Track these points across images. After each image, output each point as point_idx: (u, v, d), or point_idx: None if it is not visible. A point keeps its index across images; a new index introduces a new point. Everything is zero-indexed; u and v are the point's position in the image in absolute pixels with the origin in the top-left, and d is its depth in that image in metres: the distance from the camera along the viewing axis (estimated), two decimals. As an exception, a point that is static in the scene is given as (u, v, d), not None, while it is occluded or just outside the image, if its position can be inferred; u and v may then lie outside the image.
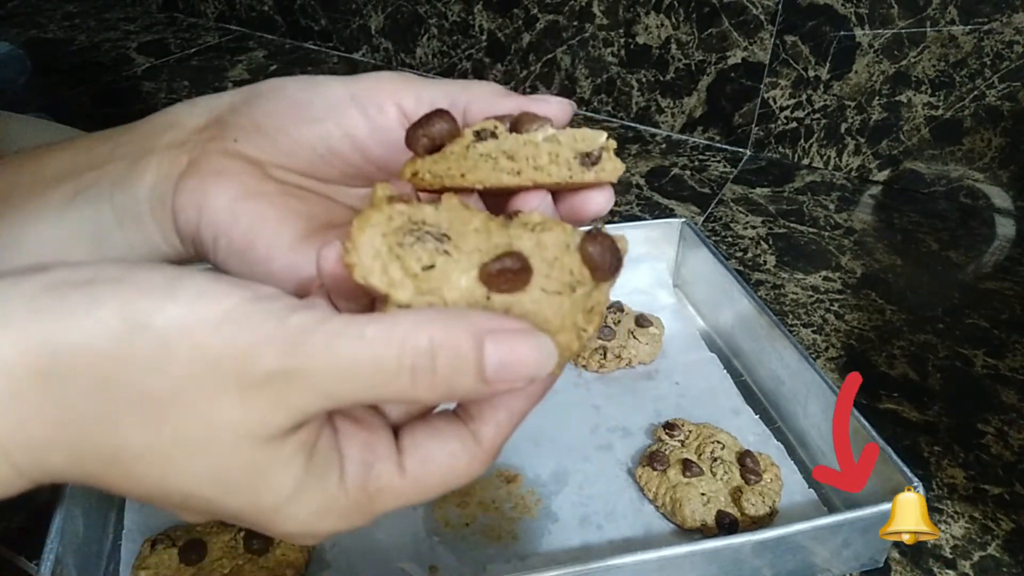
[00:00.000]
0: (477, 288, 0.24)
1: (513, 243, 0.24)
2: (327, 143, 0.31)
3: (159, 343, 0.21)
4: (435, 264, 0.23)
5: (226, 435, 0.21)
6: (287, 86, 0.32)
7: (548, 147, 0.26)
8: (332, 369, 0.21)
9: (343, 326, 0.21)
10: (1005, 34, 0.73)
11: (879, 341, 0.62)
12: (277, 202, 0.32)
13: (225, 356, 0.21)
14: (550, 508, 0.46)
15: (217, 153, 0.32)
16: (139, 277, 0.22)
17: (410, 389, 0.22)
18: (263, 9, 1.15)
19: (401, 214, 0.23)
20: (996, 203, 0.80)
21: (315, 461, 0.23)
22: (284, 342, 0.21)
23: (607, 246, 0.24)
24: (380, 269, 0.23)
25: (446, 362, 0.22)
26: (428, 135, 0.27)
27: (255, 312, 0.21)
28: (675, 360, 0.58)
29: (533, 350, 0.23)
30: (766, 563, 0.41)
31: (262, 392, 0.21)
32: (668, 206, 0.79)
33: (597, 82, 0.95)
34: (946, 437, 0.53)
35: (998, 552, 0.46)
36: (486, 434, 0.25)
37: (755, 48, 0.85)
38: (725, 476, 0.46)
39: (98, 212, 0.33)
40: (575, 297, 0.24)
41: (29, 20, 1.20)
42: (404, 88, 0.31)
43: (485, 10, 0.98)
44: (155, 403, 0.21)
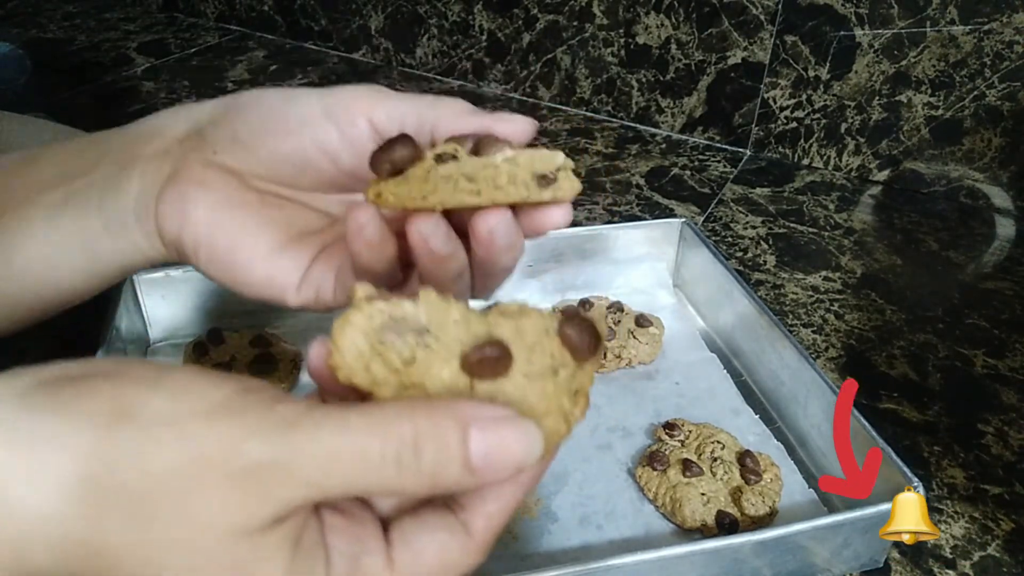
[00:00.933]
0: (460, 378, 0.24)
1: (492, 331, 0.24)
2: (302, 155, 0.32)
3: (145, 435, 0.21)
4: (416, 358, 0.24)
5: (210, 530, 0.21)
6: (264, 99, 0.33)
7: (507, 168, 0.27)
8: (316, 459, 0.21)
9: (327, 416, 0.21)
10: (1005, 34, 0.73)
11: (879, 341, 0.62)
12: (256, 211, 0.33)
13: (210, 447, 0.21)
14: (550, 508, 0.46)
15: (198, 163, 0.33)
16: (130, 371, 0.22)
17: (395, 479, 0.22)
18: (263, 9, 1.15)
19: (381, 312, 0.24)
20: (996, 203, 0.80)
21: (300, 554, 0.22)
22: (270, 432, 0.21)
23: (585, 328, 0.24)
24: (363, 368, 0.23)
25: (431, 451, 0.22)
26: (391, 160, 0.28)
27: (241, 403, 0.22)
28: (675, 360, 0.58)
29: (519, 437, 0.23)
30: (766, 563, 0.41)
31: (247, 483, 0.21)
32: (668, 206, 0.79)
33: (597, 82, 0.95)
34: (946, 437, 0.53)
35: (998, 552, 0.46)
36: (476, 525, 0.25)
37: (755, 48, 0.85)
38: (725, 476, 0.46)
39: (86, 219, 0.34)
40: (558, 380, 0.24)
41: (29, 20, 1.20)
42: (375, 103, 0.32)
43: (485, 10, 0.98)
44: (139, 498, 0.21)
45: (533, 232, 0.30)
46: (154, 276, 0.56)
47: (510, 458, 0.22)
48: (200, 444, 0.21)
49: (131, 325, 0.55)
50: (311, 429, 0.21)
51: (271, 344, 0.56)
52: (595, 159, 0.88)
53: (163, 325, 0.58)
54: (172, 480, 0.21)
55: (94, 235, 0.34)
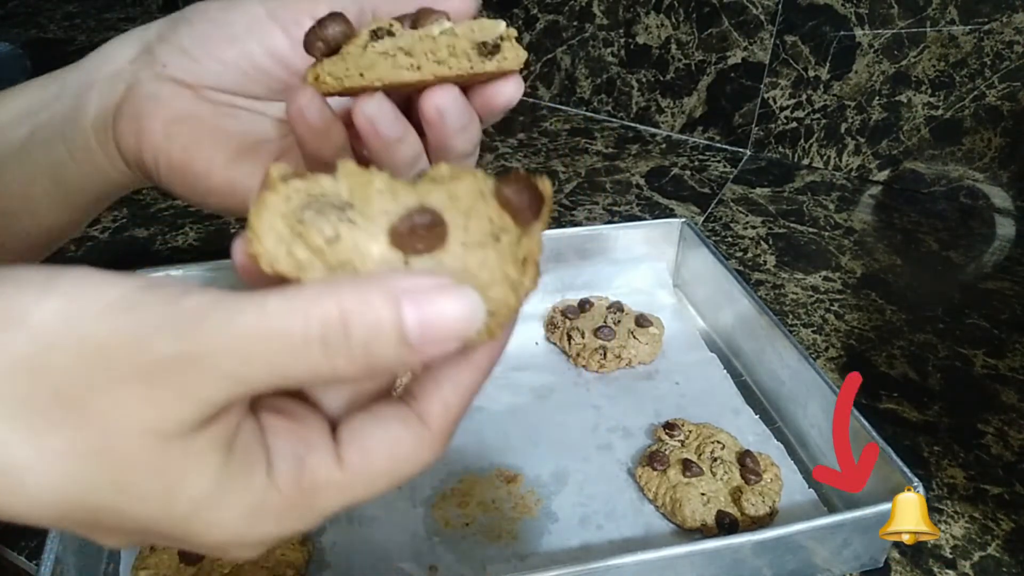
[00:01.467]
0: (391, 254, 0.22)
1: (422, 200, 0.22)
2: (251, 60, 0.32)
3: (39, 341, 0.19)
4: (340, 235, 0.22)
5: (125, 435, 0.19)
6: (208, 9, 0.33)
7: (445, 40, 0.26)
8: (233, 349, 0.19)
9: (241, 302, 0.19)
10: (1005, 34, 0.73)
11: (879, 341, 0.62)
12: (210, 122, 0.33)
13: (113, 346, 0.19)
14: (550, 508, 0.46)
15: (149, 80, 0.33)
16: (15, 275, 0.20)
17: (325, 363, 0.19)
18: (263, 9, 1.15)
19: (298, 191, 0.22)
20: (996, 203, 0.80)
21: (235, 457, 0.20)
22: (178, 325, 0.19)
23: (524, 186, 0.22)
24: (286, 252, 0.21)
25: (360, 328, 0.19)
26: (323, 38, 0.27)
27: (144, 298, 0.19)
28: (675, 360, 0.58)
29: (457, 304, 0.20)
30: (766, 563, 0.41)
31: (159, 382, 0.19)
32: (668, 206, 0.79)
33: (597, 82, 0.95)
34: (946, 437, 0.53)
35: (998, 552, 0.46)
36: (432, 413, 0.23)
37: (755, 48, 0.85)
38: (725, 476, 0.46)
39: (52, 149, 0.34)
40: (501, 247, 0.22)
41: (29, 20, 1.20)
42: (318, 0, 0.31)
43: (485, 10, 0.98)
44: (40, 409, 0.19)
45: (486, 111, 0.29)
46: (154, 277, 0.56)
47: (450, 327, 0.20)
48: (103, 343, 0.19)
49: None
50: (224, 318, 0.19)
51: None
52: (595, 159, 0.88)
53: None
54: (76, 384, 0.19)
55: (61, 164, 0.34)
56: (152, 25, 0.35)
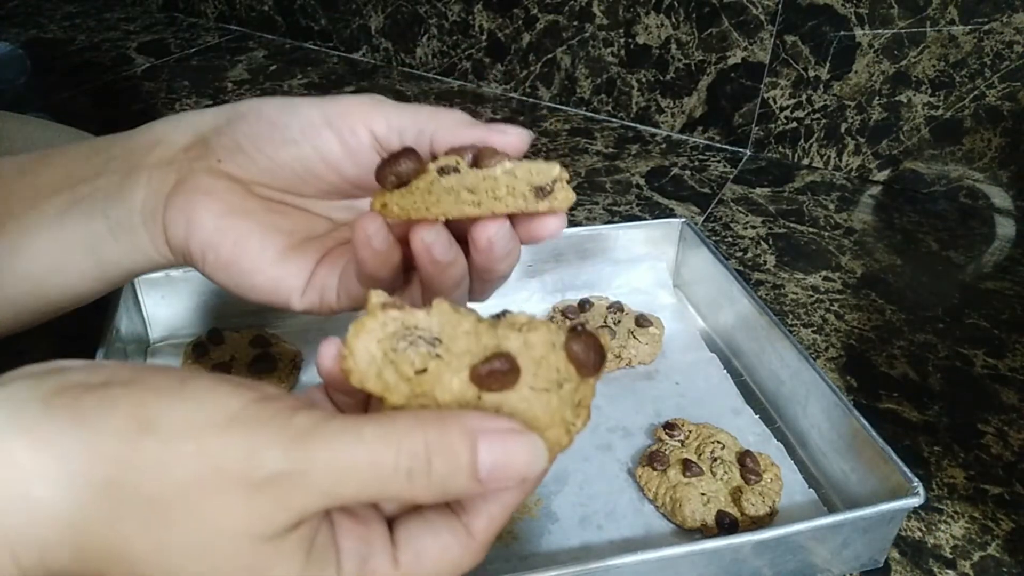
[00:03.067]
0: (468, 389, 0.25)
1: (501, 343, 0.25)
2: (304, 163, 0.33)
3: (166, 445, 0.21)
4: (428, 367, 0.24)
5: (229, 536, 0.22)
6: (265, 108, 0.34)
7: (506, 180, 0.29)
8: (332, 469, 0.22)
9: (343, 427, 0.22)
10: (1005, 34, 0.73)
11: (879, 341, 0.62)
12: (260, 218, 0.34)
13: (230, 458, 0.21)
14: (550, 508, 0.46)
15: (203, 172, 0.34)
16: (151, 380, 0.23)
17: (407, 489, 0.22)
18: (263, 9, 1.15)
19: (395, 320, 0.25)
20: (996, 203, 0.80)
21: (313, 557, 0.23)
22: (287, 444, 0.22)
23: (591, 344, 0.25)
24: (376, 374, 0.24)
25: (441, 463, 0.23)
26: (396, 173, 0.29)
27: (259, 414, 0.22)
28: (675, 360, 0.58)
29: (525, 450, 0.24)
30: (766, 563, 0.41)
31: (266, 493, 0.21)
32: (668, 206, 0.79)
33: (597, 82, 0.95)
34: (946, 437, 0.53)
35: (998, 552, 0.46)
36: (478, 526, 0.25)
37: (755, 48, 0.85)
38: (725, 476, 0.46)
39: (92, 224, 0.34)
40: (563, 393, 0.25)
41: (29, 20, 1.20)
42: (375, 113, 0.32)
43: (485, 10, 0.98)
44: (160, 505, 0.21)
45: (529, 240, 0.31)
46: (154, 276, 0.56)
47: (515, 470, 0.23)
48: (219, 454, 0.21)
49: (131, 325, 0.55)
50: (327, 440, 0.22)
51: (271, 344, 0.56)
52: (595, 159, 0.88)
53: (163, 325, 0.58)
54: (192, 488, 0.21)
55: (100, 240, 0.34)
56: (206, 113, 0.35)
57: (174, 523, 0.21)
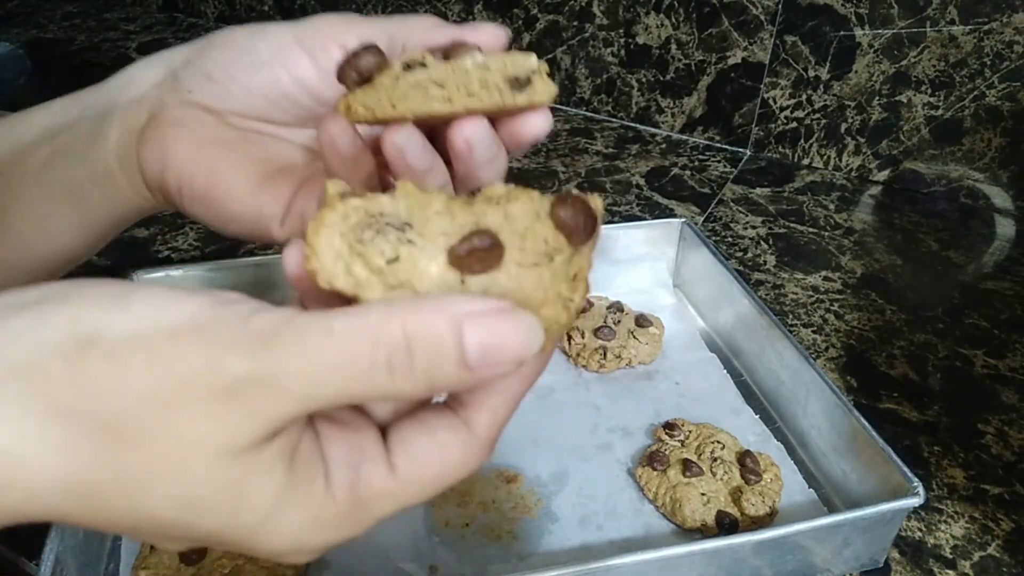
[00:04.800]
0: (449, 273, 0.23)
1: (479, 220, 0.23)
2: (277, 87, 0.32)
3: (112, 360, 0.19)
4: (400, 255, 0.22)
5: (195, 453, 0.20)
6: (235, 35, 0.33)
7: (478, 73, 0.27)
8: (302, 370, 0.20)
9: (309, 323, 0.20)
10: (1005, 34, 0.73)
11: (879, 341, 0.62)
12: (235, 148, 0.33)
13: (186, 367, 0.19)
14: (550, 508, 0.46)
15: (175, 105, 0.33)
16: (89, 292, 0.21)
17: (388, 384, 0.20)
18: (263, 9, 1.15)
19: (357, 209, 0.22)
20: (996, 203, 0.80)
21: (296, 469, 0.21)
22: (248, 345, 0.20)
23: (579, 208, 0.22)
24: (344, 270, 0.22)
25: (424, 352, 0.20)
26: (356, 69, 0.27)
27: (214, 317, 0.20)
28: (675, 360, 0.58)
29: (516, 329, 0.21)
30: (766, 563, 0.41)
31: (230, 401, 0.19)
32: (668, 206, 0.79)
33: (597, 82, 0.95)
34: (946, 437, 0.53)
35: (998, 552, 0.46)
36: (480, 421, 0.23)
37: (755, 48, 0.85)
38: (725, 476, 0.46)
39: (72, 172, 0.34)
40: (554, 266, 0.23)
41: (29, 20, 1.20)
42: (346, 28, 0.31)
43: (485, 10, 0.98)
44: (114, 427, 0.19)
45: (514, 143, 0.29)
46: (154, 276, 0.56)
47: (508, 353, 0.21)
48: (174, 365, 0.19)
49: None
50: (293, 339, 0.20)
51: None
52: (595, 159, 0.88)
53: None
54: (151, 405, 0.19)
55: (81, 187, 0.34)
56: (177, 49, 0.34)
57: (133, 445, 0.19)
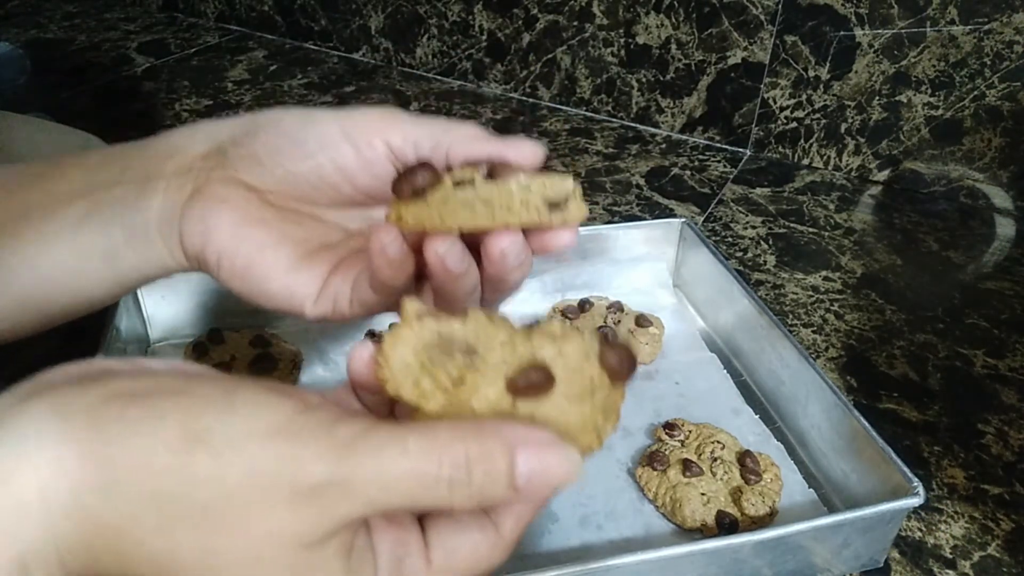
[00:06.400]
0: (504, 398, 0.25)
1: (536, 353, 0.25)
2: (320, 174, 0.34)
3: (218, 457, 0.22)
4: (464, 378, 0.25)
5: (274, 543, 0.22)
6: (283, 120, 0.34)
7: (520, 194, 0.29)
8: (377, 480, 0.22)
9: (387, 438, 0.23)
10: (1005, 34, 0.73)
11: (879, 341, 0.62)
12: (275, 227, 0.34)
13: (278, 468, 0.22)
14: (550, 508, 0.46)
15: (219, 181, 0.34)
16: (200, 391, 0.23)
17: (447, 498, 0.23)
18: (263, 9, 1.15)
19: (431, 330, 0.25)
20: (996, 203, 0.80)
21: (353, 560, 0.24)
22: (332, 454, 0.22)
23: (624, 355, 0.26)
24: (411, 383, 0.25)
25: (481, 474, 0.23)
26: (412, 185, 0.29)
27: (304, 424, 0.23)
28: (675, 360, 0.58)
29: (562, 461, 0.24)
30: (766, 563, 0.41)
31: (311, 502, 0.22)
32: (668, 206, 0.79)
33: (597, 82, 0.95)
34: (946, 437, 0.53)
35: (998, 552, 0.46)
36: (507, 526, 0.26)
37: (755, 48, 0.85)
38: (725, 476, 0.46)
39: (109, 231, 0.35)
40: (595, 400, 0.26)
41: (29, 20, 1.20)
42: (391, 125, 0.33)
43: (485, 10, 0.98)
44: (210, 513, 0.22)
45: (541, 252, 0.32)
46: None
47: (552, 480, 0.24)
48: (268, 465, 0.22)
49: (131, 325, 0.55)
50: (371, 451, 0.23)
51: (271, 344, 0.56)
52: (595, 159, 0.88)
53: (163, 325, 0.58)
54: (242, 497, 0.22)
55: (116, 247, 0.35)
56: (223, 123, 0.35)
57: (222, 530, 0.22)
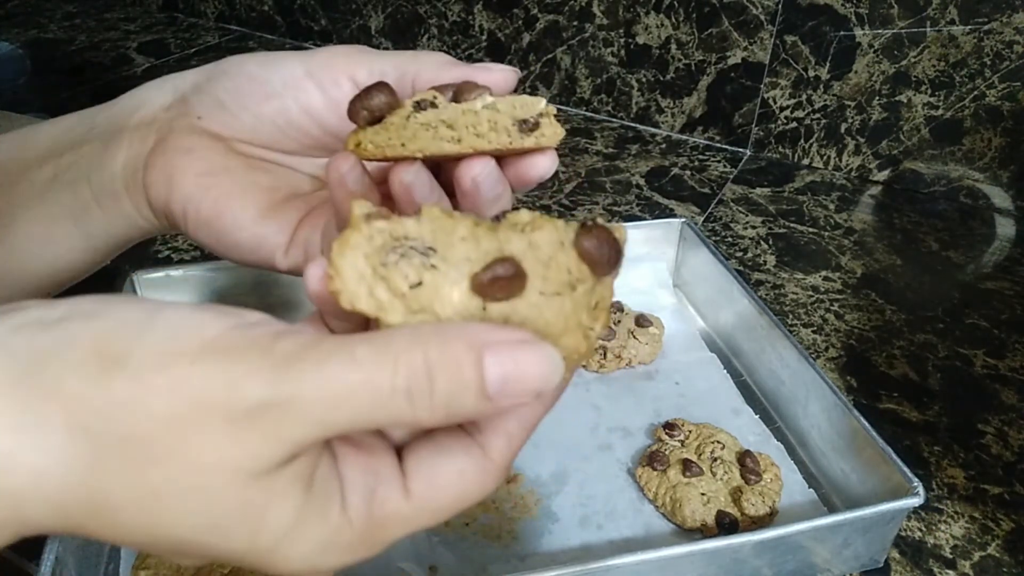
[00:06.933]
0: (471, 300, 0.22)
1: (503, 247, 0.23)
2: (286, 117, 0.32)
3: (136, 381, 0.20)
4: (423, 280, 0.22)
5: (216, 475, 0.20)
6: (246, 63, 0.33)
7: (487, 115, 0.27)
8: (324, 396, 0.20)
9: (332, 349, 0.20)
10: (1005, 34, 0.73)
11: (879, 341, 0.62)
12: (242, 176, 0.33)
13: (207, 390, 0.20)
14: (550, 508, 0.46)
15: (183, 130, 0.33)
16: (115, 311, 0.21)
17: (408, 412, 0.20)
18: (263, 9, 1.15)
19: (382, 232, 0.22)
20: (996, 203, 0.80)
21: (314, 492, 0.21)
22: (270, 370, 0.20)
23: (604, 239, 0.23)
24: (367, 292, 0.22)
25: (444, 381, 0.20)
26: (368, 107, 0.27)
27: (237, 341, 0.20)
28: (675, 360, 0.58)
29: (537, 361, 0.21)
30: (766, 563, 0.41)
31: (251, 425, 0.20)
32: (668, 206, 0.79)
33: (597, 82, 0.95)
34: (946, 437, 0.53)
35: (998, 552, 0.46)
36: (496, 446, 0.24)
37: (755, 48, 0.85)
38: (725, 476, 0.46)
39: (77, 191, 0.34)
40: (576, 296, 0.23)
41: (29, 20, 1.20)
42: (357, 61, 0.32)
43: (485, 10, 0.98)
44: (137, 446, 0.20)
45: (519, 183, 0.30)
46: (154, 276, 0.56)
47: (528, 384, 0.21)
48: (198, 387, 0.20)
49: (131, 325, 0.55)
50: (316, 364, 0.20)
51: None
52: (595, 159, 0.88)
53: (163, 325, 0.58)
54: (172, 426, 0.20)
55: (85, 208, 0.34)
56: (187, 74, 0.34)
57: (154, 464, 0.20)
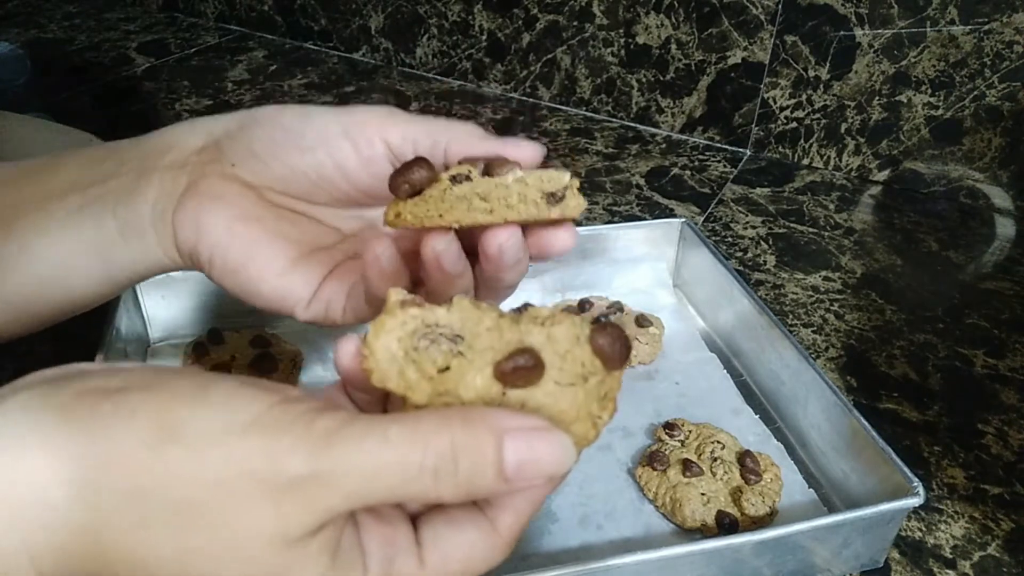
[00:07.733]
0: (492, 385, 0.24)
1: (524, 339, 0.25)
2: (319, 171, 0.33)
3: (191, 452, 0.21)
4: (450, 365, 0.24)
5: (254, 540, 0.22)
6: (282, 115, 0.34)
7: (517, 188, 0.29)
8: (358, 472, 0.22)
9: (367, 428, 0.22)
10: (1005, 34, 0.73)
11: (879, 341, 0.62)
12: (270, 226, 0.34)
13: (254, 463, 0.21)
14: (550, 508, 0.46)
15: (215, 176, 0.34)
16: (173, 384, 0.23)
17: (433, 489, 0.22)
18: (263, 9, 1.15)
19: (415, 318, 0.25)
20: (996, 203, 0.80)
21: (339, 559, 0.23)
22: (311, 446, 0.22)
23: (616, 337, 0.25)
24: (397, 373, 0.24)
25: (467, 463, 0.22)
26: (409, 181, 0.29)
27: (282, 416, 0.22)
28: (675, 360, 0.58)
29: (552, 448, 0.23)
30: (766, 563, 0.41)
31: (291, 496, 0.21)
32: (668, 206, 0.79)
33: (597, 82, 0.95)
34: (946, 437, 0.53)
35: (998, 552, 0.46)
36: (504, 522, 0.25)
37: (755, 48, 0.85)
38: (725, 476, 0.46)
39: (102, 225, 0.34)
40: (588, 387, 0.25)
41: (29, 20, 1.20)
42: (390, 124, 0.33)
43: (485, 10, 0.98)
44: (186, 510, 0.21)
45: (540, 254, 0.31)
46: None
47: (542, 468, 0.23)
48: (244, 459, 0.21)
49: (131, 325, 0.55)
50: (352, 442, 0.22)
51: (271, 344, 0.56)
52: (595, 159, 0.88)
53: (163, 325, 0.58)
54: (218, 493, 0.21)
55: (109, 242, 0.34)
56: (219, 118, 0.35)
57: (199, 528, 0.21)
